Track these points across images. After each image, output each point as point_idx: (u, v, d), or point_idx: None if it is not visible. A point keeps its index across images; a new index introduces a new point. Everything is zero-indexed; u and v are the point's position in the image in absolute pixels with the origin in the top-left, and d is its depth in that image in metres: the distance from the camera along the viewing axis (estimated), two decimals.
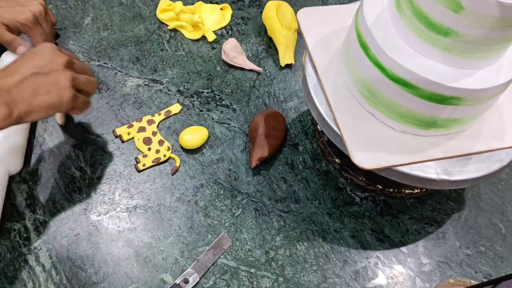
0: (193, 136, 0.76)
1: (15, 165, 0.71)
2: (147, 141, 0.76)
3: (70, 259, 0.65)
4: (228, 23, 0.95)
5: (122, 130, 0.77)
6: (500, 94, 0.59)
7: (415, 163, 0.60)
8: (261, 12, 0.95)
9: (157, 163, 0.75)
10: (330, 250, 0.69)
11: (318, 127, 0.77)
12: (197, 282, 0.64)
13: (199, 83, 0.85)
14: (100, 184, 0.72)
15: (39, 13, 0.76)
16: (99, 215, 0.69)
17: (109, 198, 0.71)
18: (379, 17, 0.58)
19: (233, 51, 0.86)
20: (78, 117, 0.79)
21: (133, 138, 0.77)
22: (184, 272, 0.65)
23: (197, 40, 0.91)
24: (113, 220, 0.69)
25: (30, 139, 0.75)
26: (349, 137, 0.60)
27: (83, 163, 0.74)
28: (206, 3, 0.97)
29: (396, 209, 0.74)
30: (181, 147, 0.77)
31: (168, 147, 0.76)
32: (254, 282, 0.65)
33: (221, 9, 0.96)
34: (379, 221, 0.72)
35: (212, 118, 0.81)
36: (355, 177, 0.74)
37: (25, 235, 0.67)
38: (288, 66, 0.89)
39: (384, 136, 0.62)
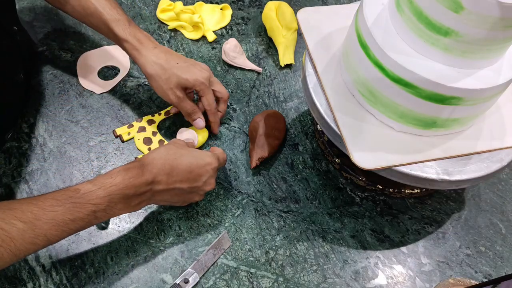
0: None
1: None
2: (147, 141, 0.76)
3: (70, 259, 0.65)
4: (228, 23, 0.95)
5: (122, 130, 0.77)
6: (500, 94, 0.59)
7: (415, 163, 0.60)
8: (261, 12, 0.95)
9: None
10: (330, 250, 0.69)
11: (318, 127, 0.77)
12: (197, 282, 0.64)
13: None
14: None
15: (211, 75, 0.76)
16: None
17: None
18: (379, 17, 0.58)
19: (233, 51, 0.86)
20: (78, 117, 0.79)
21: (133, 138, 0.77)
22: (184, 272, 0.65)
23: (197, 40, 0.91)
24: (113, 220, 0.69)
25: (30, 139, 0.75)
26: (349, 137, 0.60)
27: (83, 163, 0.74)
28: (206, 3, 0.97)
29: (396, 209, 0.74)
30: None
31: None
32: (254, 282, 0.65)
33: (221, 9, 0.96)
34: (379, 221, 0.72)
35: None
36: (355, 177, 0.74)
37: None
38: (288, 66, 0.89)
39: (384, 136, 0.62)
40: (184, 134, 0.76)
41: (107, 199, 0.56)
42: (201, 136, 0.76)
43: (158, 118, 0.79)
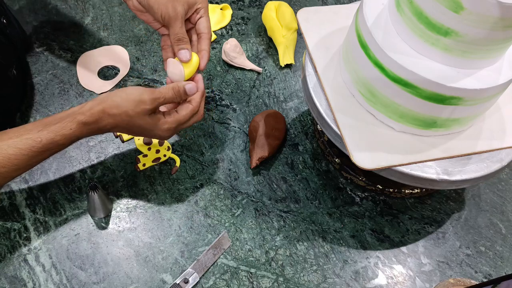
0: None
1: None
2: (147, 141, 0.76)
3: (70, 259, 0.65)
4: (228, 23, 0.95)
5: None
6: (500, 94, 0.59)
7: (415, 163, 0.60)
8: (261, 12, 0.95)
9: (157, 163, 0.75)
10: (330, 250, 0.69)
11: (318, 127, 0.77)
12: (197, 282, 0.64)
13: None
14: (100, 184, 0.72)
15: None
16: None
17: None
18: (379, 17, 0.58)
19: (233, 51, 0.86)
20: None
21: (133, 138, 0.77)
22: (184, 272, 0.65)
23: None
24: (113, 220, 0.69)
25: None
26: (349, 137, 0.60)
27: (83, 163, 0.74)
28: None
29: (396, 209, 0.74)
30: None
31: (168, 147, 0.76)
32: (254, 282, 0.65)
33: (221, 9, 0.96)
34: (379, 221, 0.72)
35: (212, 118, 0.81)
36: (355, 177, 0.74)
37: (25, 235, 0.67)
38: (288, 66, 0.89)
39: (384, 136, 0.62)
40: (171, 66, 0.66)
41: (69, 143, 0.60)
42: (187, 69, 0.66)
43: None
